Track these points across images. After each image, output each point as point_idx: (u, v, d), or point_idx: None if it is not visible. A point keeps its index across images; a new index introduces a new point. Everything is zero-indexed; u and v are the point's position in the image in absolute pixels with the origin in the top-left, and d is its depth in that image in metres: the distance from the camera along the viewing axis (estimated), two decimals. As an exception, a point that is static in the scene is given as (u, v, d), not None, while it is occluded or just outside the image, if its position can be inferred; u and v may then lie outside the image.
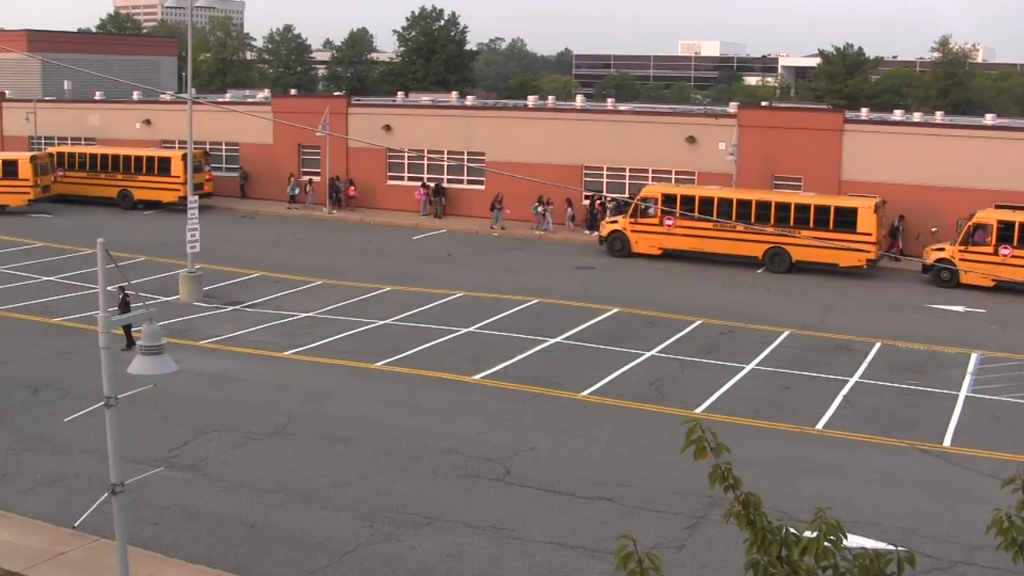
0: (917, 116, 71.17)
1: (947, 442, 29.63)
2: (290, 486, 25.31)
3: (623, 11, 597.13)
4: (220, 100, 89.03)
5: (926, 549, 21.83)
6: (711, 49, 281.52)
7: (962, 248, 50.90)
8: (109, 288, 16.50)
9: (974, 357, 38.65)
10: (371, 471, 26.40)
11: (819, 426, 30.58)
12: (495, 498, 24.81)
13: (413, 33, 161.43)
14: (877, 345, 39.81)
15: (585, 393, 33.08)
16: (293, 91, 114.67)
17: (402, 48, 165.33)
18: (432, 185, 70.37)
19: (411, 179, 72.30)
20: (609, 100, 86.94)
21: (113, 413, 15.53)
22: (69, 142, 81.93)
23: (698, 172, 63.48)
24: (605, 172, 66.85)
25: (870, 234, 51.95)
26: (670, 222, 55.60)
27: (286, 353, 37.23)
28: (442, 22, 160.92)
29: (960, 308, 47.12)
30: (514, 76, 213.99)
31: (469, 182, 70.99)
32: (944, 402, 33.31)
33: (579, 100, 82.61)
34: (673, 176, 64.36)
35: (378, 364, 35.86)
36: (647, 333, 40.81)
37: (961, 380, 35.71)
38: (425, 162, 71.78)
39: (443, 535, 22.68)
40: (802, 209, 53.32)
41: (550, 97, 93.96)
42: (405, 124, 72.87)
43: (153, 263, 52.11)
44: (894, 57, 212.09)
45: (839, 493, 25.26)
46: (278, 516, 23.59)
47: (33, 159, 70.21)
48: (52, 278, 48.83)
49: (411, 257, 56.39)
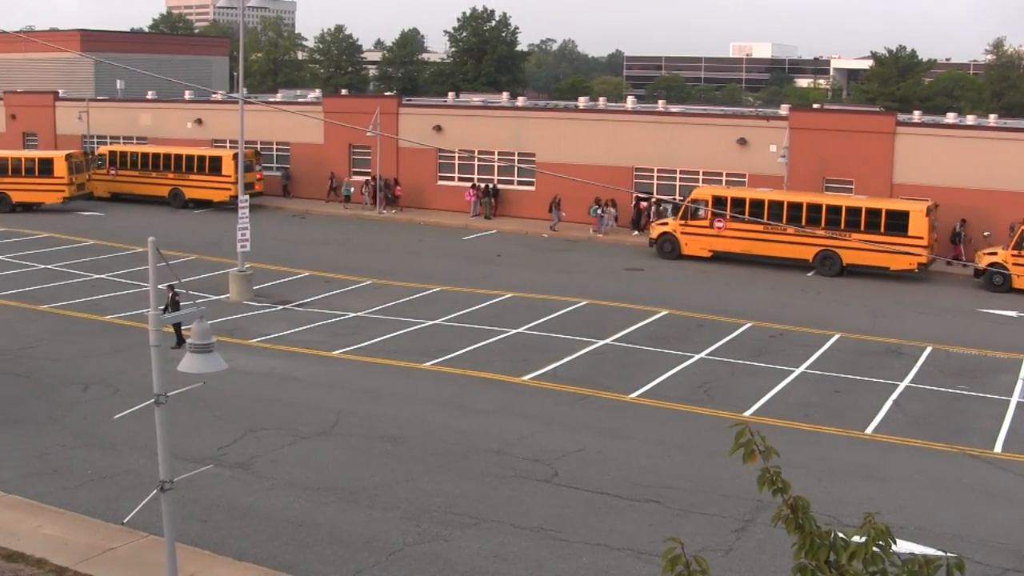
0: (970, 119, 70.65)
1: (998, 448, 29.37)
2: (338, 485, 25.37)
3: (675, 13, 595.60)
4: (271, 100, 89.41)
5: (976, 555, 21.66)
6: (763, 51, 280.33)
7: (1015, 252, 50.40)
8: (159, 286, 16.59)
9: (1027, 362, 38.32)
10: (419, 471, 26.42)
11: (869, 430, 30.38)
12: (543, 499, 24.77)
13: (464, 34, 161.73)
14: (928, 349, 39.50)
15: (634, 395, 33.00)
16: (344, 91, 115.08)
17: (453, 49, 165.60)
18: (482, 186, 70.43)
19: (461, 180, 72.37)
20: (660, 102, 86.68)
21: (163, 411, 15.61)
22: (121, 141, 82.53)
23: (749, 174, 63.21)
24: (656, 174, 66.67)
25: (921, 237, 51.56)
26: (720, 224, 55.40)
27: (335, 352, 37.33)
28: (493, 23, 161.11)
29: (1013, 313, 46.67)
30: (565, 77, 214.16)
31: (519, 183, 70.96)
32: (995, 407, 33.02)
33: (630, 102, 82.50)
34: (724, 178, 64.14)
35: (427, 364, 35.91)
36: (696, 335, 40.68)
37: (1013, 386, 35.36)
38: (475, 163, 71.83)
39: (490, 536, 22.67)
40: (853, 212, 53.01)
41: (601, 98, 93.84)
42: (456, 125, 72.94)
43: (203, 262, 52.40)
44: (947, 59, 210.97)
45: (888, 498, 25.07)
46: (326, 515, 23.64)
47: (68, 157, 70.68)
48: (103, 276, 49.16)
49: (460, 258, 56.45)
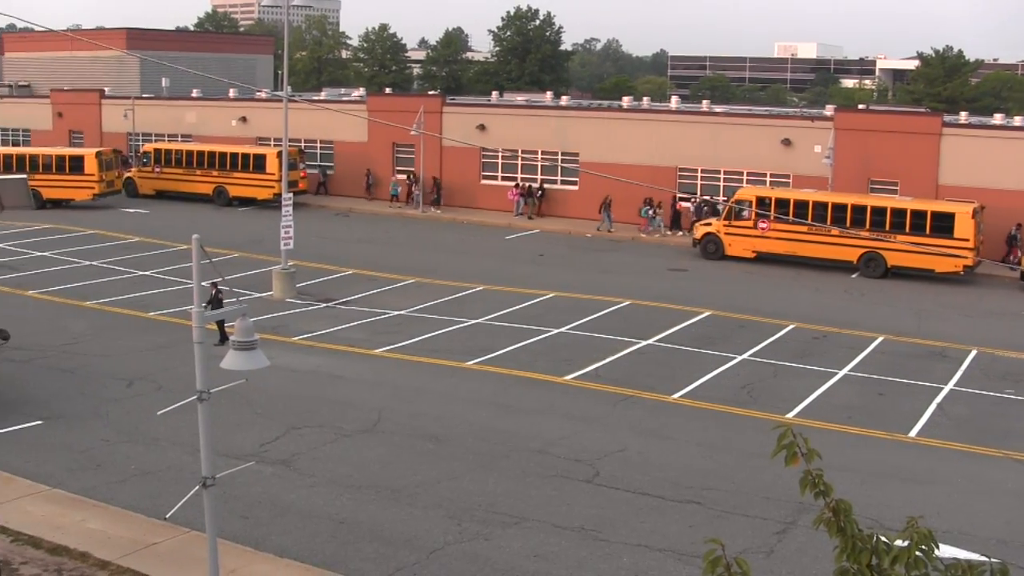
0: (1018, 120, 70.06)
1: (1044, 452, 29.17)
2: (380, 483, 25.41)
3: (719, 12, 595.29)
4: (315, 98, 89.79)
5: (1020, 561, 21.45)
6: (808, 51, 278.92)
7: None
8: (203, 284, 16.66)
9: (1073, 366, 38.01)
10: (460, 470, 26.45)
11: (912, 434, 30.19)
12: (584, 499, 24.75)
13: (508, 33, 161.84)
14: (973, 353, 39.23)
15: (676, 396, 32.92)
16: (388, 90, 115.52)
17: (497, 48, 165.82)
18: (526, 185, 70.40)
19: (504, 179, 72.42)
20: (704, 102, 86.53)
21: (206, 407, 15.67)
22: (166, 138, 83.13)
23: (793, 175, 62.99)
24: (699, 174, 66.53)
25: (967, 240, 51.22)
26: (764, 225, 55.21)
27: (377, 351, 37.40)
28: (537, 22, 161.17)
29: (1059, 316, 46.38)
30: (609, 77, 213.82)
31: (563, 183, 70.94)
32: (1041, 412, 32.79)
33: (674, 101, 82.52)
34: (768, 179, 63.95)
35: (469, 363, 35.93)
36: (739, 336, 40.55)
37: (1059, 390, 35.12)
38: (519, 162, 71.84)
39: (531, 535, 22.66)
40: (898, 214, 52.71)
41: (645, 98, 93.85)
42: (499, 124, 72.99)
43: (247, 259, 52.64)
44: (995, 60, 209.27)
45: (931, 502, 24.93)
46: (367, 512, 23.69)
47: (98, 155, 71.34)
48: (148, 273, 49.47)
49: (503, 257, 56.49)
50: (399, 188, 73.73)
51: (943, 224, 51.72)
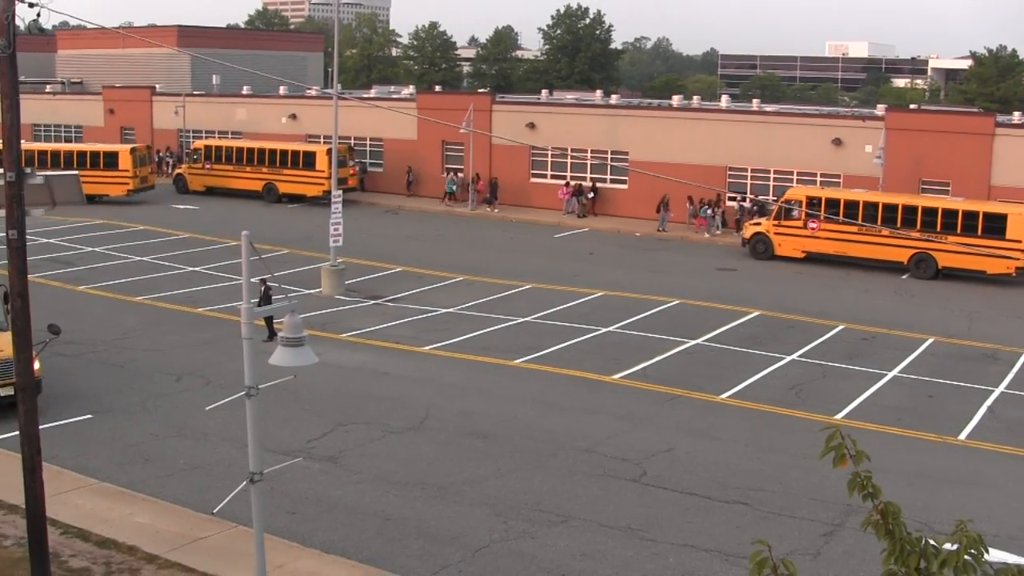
0: (1072, 121, 69.41)
1: (1096, 456, 28.89)
2: (426, 480, 25.45)
3: (770, 11, 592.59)
4: (365, 96, 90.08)
5: (1072, 565, 21.27)
6: (859, 50, 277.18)
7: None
8: (252, 280, 16.74)
9: None
10: (507, 468, 26.46)
11: (962, 436, 29.97)
12: (630, 498, 24.71)
13: (558, 31, 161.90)
14: (1025, 355, 38.95)
15: (724, 396, 32.82)
16: (438, 88, 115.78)
17: (547, 46, 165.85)
18: (576, 184, 70.36)
19: (554, 177, 72.41)
20: (755, 101, 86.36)
21: (254, 403, 15.73)
22: (216, 135, 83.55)
23: (844, 175, 62.68)
24: (749, 173, 66.30)
25: (1020, 241, 50.78)
26: (814, 225, 54.95)
27: (426, 348, 37.47)
28: (587, 21, 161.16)
29: (1113, 319, 45.93)
30: (659, 75, 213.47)
31: (612, 182, 70.86)
32: (1094, 415, 32.48)
33: (724, 100, 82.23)
34: (818, 179, 63.65)
35: (516, 361, 35.95)
36: (788, 337, 40.38)
37: (1112, 393, 34.78)
38: (569, 160, 71.83)
39: (577, 534, 22.64)
40: (949, 214, 52.30)
41: (695, 97, 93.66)
42: (549, 122, 72.98)
43: (296, 256, 52.86)
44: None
45: (981, 506, 24.72)
46: (413, 509, 23.73)
47: (133, 151, 72.21)
48: (197, 268, 49.79)
49: (552, 255, 56.45)
50: (455, 187, 73.67)
51: (995, 225, 51.29)
